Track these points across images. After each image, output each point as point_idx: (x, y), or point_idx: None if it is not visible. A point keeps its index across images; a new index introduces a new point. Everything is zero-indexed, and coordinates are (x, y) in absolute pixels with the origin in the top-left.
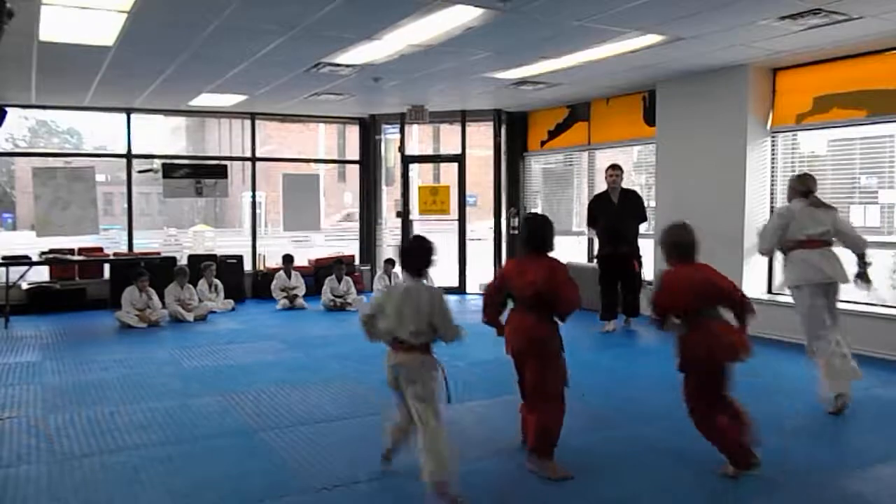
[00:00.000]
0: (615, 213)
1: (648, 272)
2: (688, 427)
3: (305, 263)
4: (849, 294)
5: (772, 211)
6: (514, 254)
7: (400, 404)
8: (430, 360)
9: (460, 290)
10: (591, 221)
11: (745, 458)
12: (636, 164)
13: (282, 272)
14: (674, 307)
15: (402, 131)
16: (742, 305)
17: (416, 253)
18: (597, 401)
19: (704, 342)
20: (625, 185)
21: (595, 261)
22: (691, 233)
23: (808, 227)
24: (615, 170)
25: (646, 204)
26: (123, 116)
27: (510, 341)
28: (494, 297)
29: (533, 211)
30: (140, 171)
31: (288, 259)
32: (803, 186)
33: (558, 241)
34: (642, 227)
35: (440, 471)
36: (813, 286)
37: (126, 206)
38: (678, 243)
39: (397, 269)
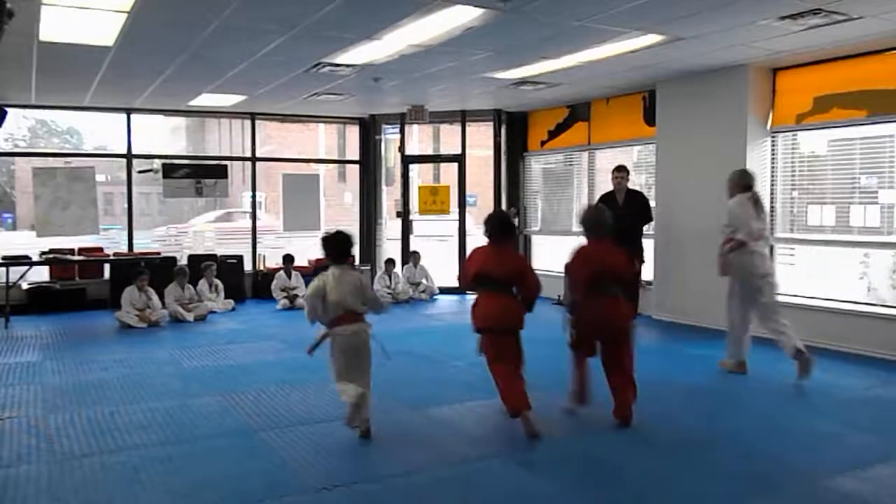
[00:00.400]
0: (620, 214)
1: (648, 272)
2: (687, 426)
3: (305, 263)
4: (849, 294)
5: (772, 210)
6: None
7: (347, 370)
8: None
9: (460, 290)
10: None
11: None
12: (636, 164)
13: (282, 272)
14: (585, 283)
15: (402, 131)
16: (634, 285)
17: (339, 243)
18: (596, 400)
19: (610, 311)
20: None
21: None
22: (603, 213)
23: (756, 222)
24: (621, 172)
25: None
26: (123, 116)
27: (498, 316)
28: (470, 283)
29: (498, 208)
30: (140, 172)
31: (288, 259)
32: (746, 182)
33: (559, 240)
34: (645, 228)
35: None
36: (754, 276)
37: (126, 206)
38: (591, 220)
39: (397, 268)
